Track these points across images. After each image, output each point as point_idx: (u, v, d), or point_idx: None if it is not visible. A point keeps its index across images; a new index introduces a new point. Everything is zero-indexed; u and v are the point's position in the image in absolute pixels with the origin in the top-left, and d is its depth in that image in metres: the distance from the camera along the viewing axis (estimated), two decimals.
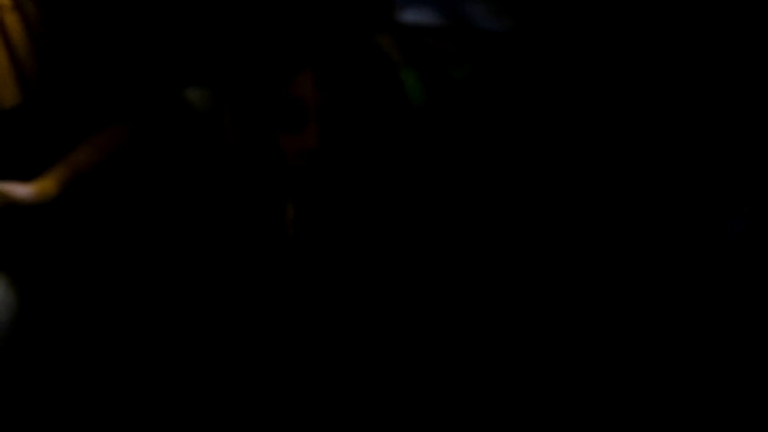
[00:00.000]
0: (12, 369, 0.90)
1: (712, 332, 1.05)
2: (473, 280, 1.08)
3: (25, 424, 0.88)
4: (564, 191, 1.23)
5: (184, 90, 1.17)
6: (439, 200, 1.13)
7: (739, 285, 1.08)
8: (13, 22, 1.18)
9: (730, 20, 1.29)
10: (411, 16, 1.32)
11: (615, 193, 1.23)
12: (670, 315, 1.08)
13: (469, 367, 1.00)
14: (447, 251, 1.10)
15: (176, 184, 1.08)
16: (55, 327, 0.97)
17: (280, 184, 1.13)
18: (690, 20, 1.30)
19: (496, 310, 1.05)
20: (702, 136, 1.26)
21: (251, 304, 1.05)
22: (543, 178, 1.25)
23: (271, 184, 1.13)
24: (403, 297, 1.05)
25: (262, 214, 1.12)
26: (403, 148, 1.13)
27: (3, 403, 0.88)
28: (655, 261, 1.14)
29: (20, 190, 0.97)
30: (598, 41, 1.32)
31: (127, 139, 1.05)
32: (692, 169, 1.24)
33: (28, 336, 0.93)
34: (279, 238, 1.11)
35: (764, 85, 1.25)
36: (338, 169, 1.08)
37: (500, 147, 1.27)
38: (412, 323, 1.03)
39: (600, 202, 1.22)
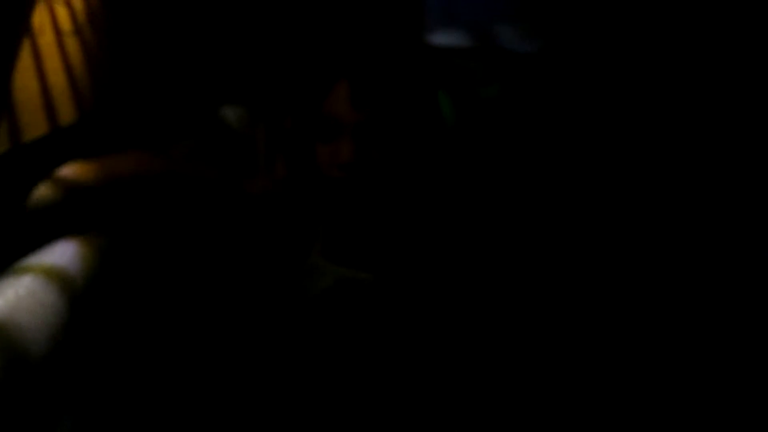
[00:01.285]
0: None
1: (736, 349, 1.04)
2: (501, 292, 1.10)
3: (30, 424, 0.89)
4: (594, 209, 1.24)
5: (218, 109, 1.25)
6: (468, 215, 1.15)
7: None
8: (73, 46, 1.30)
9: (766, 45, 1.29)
10: (439, 38, 1.38)
11: (649, 215, 1.24)
12: (699, 332, 1.07)
13: (476, 366, 1.03)
14: (473, 265, 1.13)
15: (208, 203, 1.10)
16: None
17: (313, 196, 1.13)
18: (725, 44, 1.31)
19: (522, 322, 1.07)
20: (742, 160, 1.26)
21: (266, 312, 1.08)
22: (572, 197, 1.26)
23: (305, 197, 1.13)
24: (429, 305, 1.08)
25: (293, 234, 1.12)
26: (435, 166, 1.15)
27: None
28: (689, 282, 1.14)
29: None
30: (626, 63, 1.35)
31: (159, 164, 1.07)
32: (730, 190, 1.24)
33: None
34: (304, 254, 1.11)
35: None
36: (372, 181, 1.08)
37: (528, 165, 1.30)
38: (436, 331, 1.06)
39: (632, 224, 1.22)
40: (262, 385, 1.01)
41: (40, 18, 1.22)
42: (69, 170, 0.98)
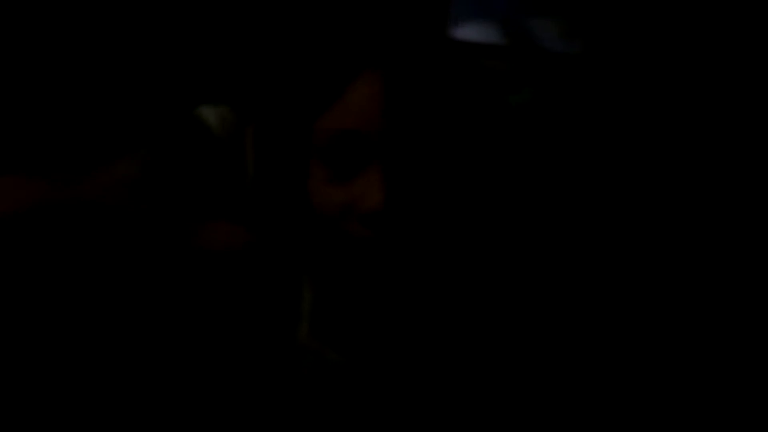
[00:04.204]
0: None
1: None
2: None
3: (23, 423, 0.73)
4: (632, 232, 1.08)
5: (196, 108, 1.01)
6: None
7: None
8: None
9: None
10: (465, 32, 1.18)
11: (693, 238, 1.09)
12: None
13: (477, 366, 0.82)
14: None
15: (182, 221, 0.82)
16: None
17: (301, 257, 0.77)
18: None
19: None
20: None
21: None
22: (606, 220, 1.09)
23: (290, 257, 0.77)
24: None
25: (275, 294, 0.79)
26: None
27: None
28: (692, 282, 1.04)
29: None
30: (688, 70, 1.15)
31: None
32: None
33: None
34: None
35: None
36: (408, 238, 0.72)
37: (556, 184, 1.11)
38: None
39: (675, 247, 1.08)
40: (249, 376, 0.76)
41: None
42: None
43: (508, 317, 0.83)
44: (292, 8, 1.12)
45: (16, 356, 0.74)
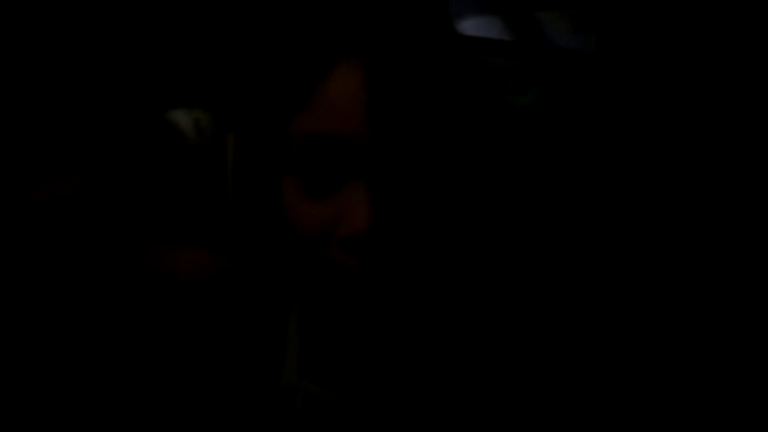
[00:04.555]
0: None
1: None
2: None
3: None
4: (652, 243, 1.00)
5: (165, 112, 0.89)
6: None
7: None
8: None
9: None
10: (466, 26, 1.07)
11: (705, 239, 1.01)
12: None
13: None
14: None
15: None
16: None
17: (284, 287, 0.67)
18: None
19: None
20: None
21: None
22: (621, 234, 1.00)
23: (271, 287, 0.67)
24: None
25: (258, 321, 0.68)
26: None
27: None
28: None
29: None
30: (714, 71, 1.04)
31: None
32: None
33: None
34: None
35: None
36: (398, 265, 0.60)
37: (568, 200, 1.01)
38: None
39: (688, 249, 1.00)
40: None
41: None
42: None
43: (514, 350, 0.73)
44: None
45: None
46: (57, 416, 0.64)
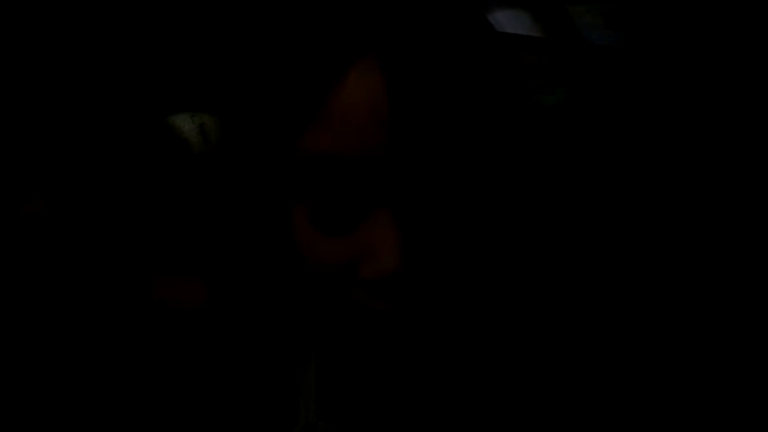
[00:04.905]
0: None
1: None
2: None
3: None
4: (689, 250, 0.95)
5: (164, 117, 0.80)
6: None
7: None
8: None
9: None
10: (495, 20, 1.00)
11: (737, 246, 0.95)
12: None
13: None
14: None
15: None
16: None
17: (301, 326, 0.59)
18: None
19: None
20: None
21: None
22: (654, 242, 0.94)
23: (286, 325, 0.60)
24: None
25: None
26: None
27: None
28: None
29: None
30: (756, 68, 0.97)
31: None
32: None
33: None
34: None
35: None
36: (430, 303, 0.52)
37: (591, 201, 0.95)
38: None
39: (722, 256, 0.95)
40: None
41: None
42: None
43: (546, 395, 0.67)
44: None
45: None
46: None
